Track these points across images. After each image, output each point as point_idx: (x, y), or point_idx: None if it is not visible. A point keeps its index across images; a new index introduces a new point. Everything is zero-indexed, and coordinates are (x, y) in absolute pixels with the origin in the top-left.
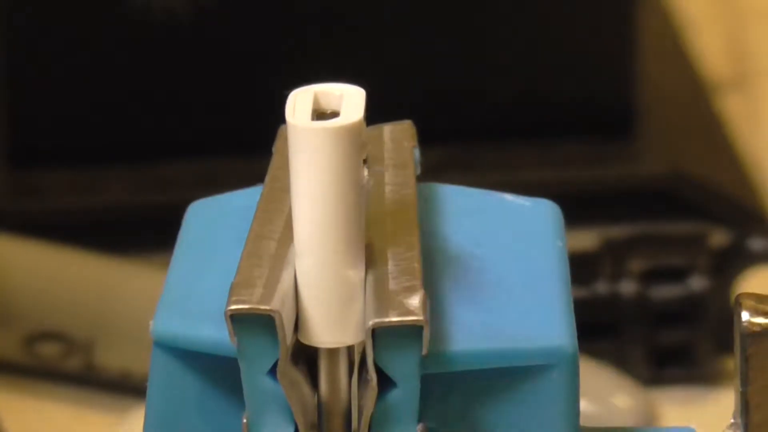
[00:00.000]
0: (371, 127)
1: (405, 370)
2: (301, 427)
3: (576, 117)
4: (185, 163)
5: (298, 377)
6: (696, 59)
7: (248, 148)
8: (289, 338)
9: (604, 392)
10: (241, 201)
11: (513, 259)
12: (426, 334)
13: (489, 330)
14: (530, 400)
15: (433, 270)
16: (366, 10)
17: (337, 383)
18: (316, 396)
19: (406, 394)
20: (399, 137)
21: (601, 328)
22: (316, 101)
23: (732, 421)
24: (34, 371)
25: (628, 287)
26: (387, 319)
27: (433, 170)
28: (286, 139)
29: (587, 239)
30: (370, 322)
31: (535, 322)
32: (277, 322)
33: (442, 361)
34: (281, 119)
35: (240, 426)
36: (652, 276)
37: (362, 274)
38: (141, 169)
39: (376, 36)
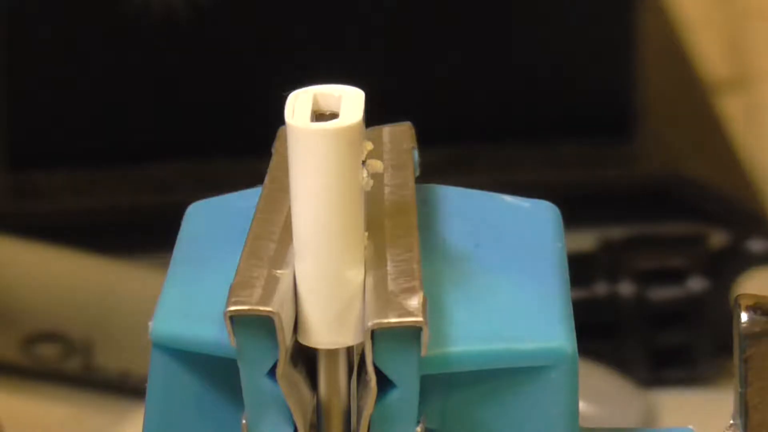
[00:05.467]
0: (371, 129)
1: (404, 371)
2: (300, 428)
3: (575, 118)
4: (184, 164)
5: (298, 378)
6: (695, 60)
7: (247, 149)
8: (288, 339)
9: (603, 393)
10: (241, 202)
11: (512, 261)
12: (425, 335)
13: (488, 331)
14: (529, 401)
15: (432, 271)
16: (366, 10)
17: (336, 384)
18: (315, 397)
19: (405, 395)
20: (398, 138)
21: (600, 329)
22: (315, 102)
23: (731, 422)
24: (34, 372)
25: (626, 288)
26: (386, 320)
27: (432, 171)
28: (285, 140)
29: (586, 240)
30: (369, 323)
31: (534, 323)
32: (277, 323)
33: (441, 362)
34: (280, 120)
35: (239, 427)
36: (650, 277)
37: (361, 275)
38: (140, 171)
39: (375, 36)
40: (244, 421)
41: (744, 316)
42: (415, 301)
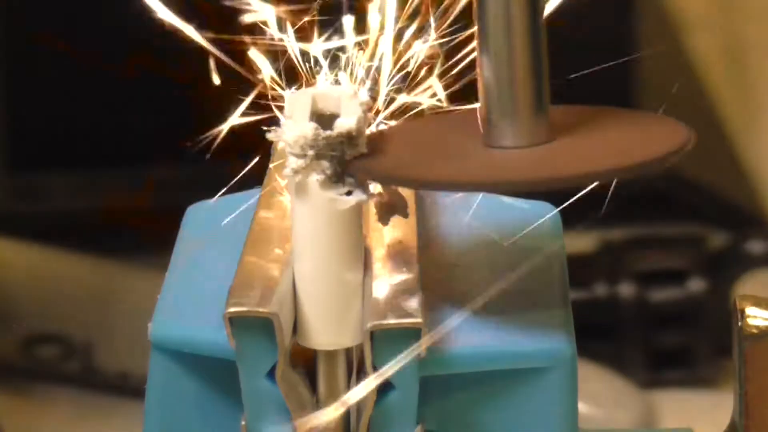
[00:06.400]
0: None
1: (403, 372)
2: (299, 430)
3: None
4: (183, 165)
5: (297, 379)
6: (695, 60)
7: (247, 151)
8: (287, 340)
9: (603, 394)
10: (240, 203)
11: (511, 262)
12: (424, 336)
13: (488, 332)
14: (529, 402)
15: (432, 273)
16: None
17: (335, 385)
18: (314, 398)
19: (404, 396)
20: None
21: (600, 331)
22: (314, 103)
23: (730, 422)
24: (34, 373)
25: (626, 289)
26: (385, 322)
27: None
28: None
29: (585, 241)
30: (369, 325)
31: (533, 325)
32: (276, 324)
33: (441, 363)
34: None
35: (238, 428)
36: (650, 278)
37: (360, 276)
38: (139, 172)
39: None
40: (243, 422)
41: (743, 317)
42: (414, 303)
